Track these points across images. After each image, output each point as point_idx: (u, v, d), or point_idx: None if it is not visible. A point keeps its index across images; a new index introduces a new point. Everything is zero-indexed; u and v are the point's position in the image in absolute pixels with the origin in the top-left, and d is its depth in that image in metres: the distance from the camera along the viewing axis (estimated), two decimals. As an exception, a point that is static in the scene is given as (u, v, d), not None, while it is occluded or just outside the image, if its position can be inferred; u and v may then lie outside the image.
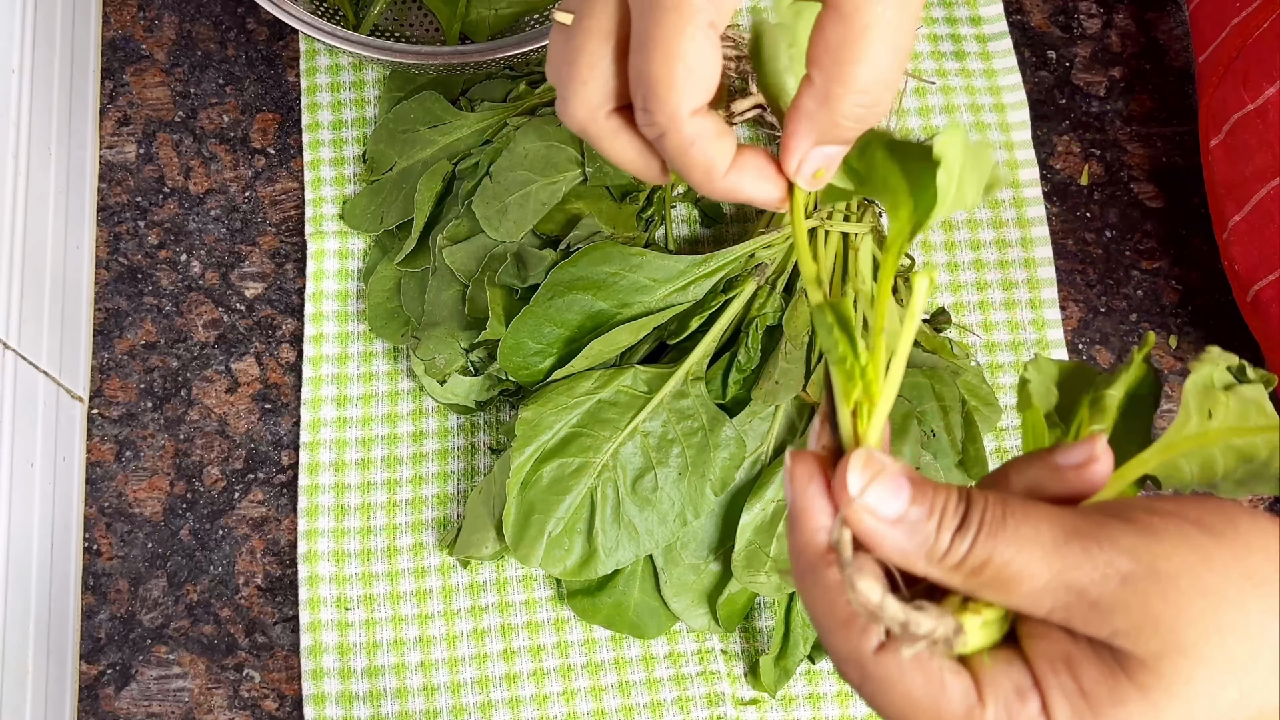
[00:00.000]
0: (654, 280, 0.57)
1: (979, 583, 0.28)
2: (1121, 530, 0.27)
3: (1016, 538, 0.27)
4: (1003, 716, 0.27)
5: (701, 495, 0.56)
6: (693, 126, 0.34)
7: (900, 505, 0.28)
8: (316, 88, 0.69)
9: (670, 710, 0.59)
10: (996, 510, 0.28)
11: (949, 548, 0.28)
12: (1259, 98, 0.57)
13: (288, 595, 0.61)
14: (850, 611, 0.29)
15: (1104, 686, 0.27)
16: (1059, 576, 0.27)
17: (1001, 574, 0.28)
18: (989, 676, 0.28)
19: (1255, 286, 0.59)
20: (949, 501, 0.29)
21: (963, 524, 0.28)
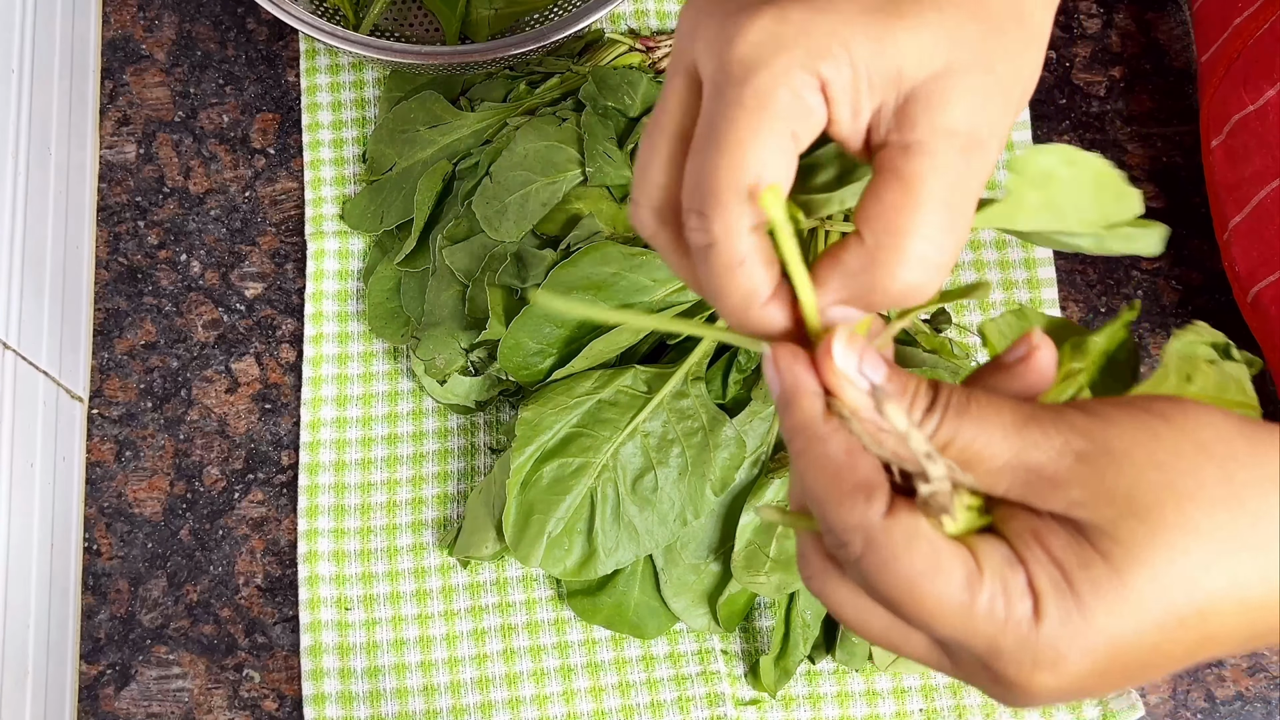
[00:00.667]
0: (654, 280, 0.57)
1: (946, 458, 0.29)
2: (1077, 415, 0.29)
3: (979, 419, 0.29)
4: (998, 585, 0.28)
5: (701, 495, 0.56)
6: (748, 243, 0.30)
7: (875, 377, 0.30)
8: (316, 88, 0.69)
9: (670, 710, 0.59)
10: (961, 395, 0.29)
11: (918, 424, 0.29)
12: (1259, 99, 0.57)
13: (288, 595, 0.61)
14: (857, 479, 0.29)
15: (1071, 553, 0.27)
16: (1018, 455, 0.28)
17: (965, 452, 0.29)
18: (982, 549, 0.28)
19: (1255, 288, 0.59)
20: (919, 385, 0.30)
21: (931, 405, 0.29)
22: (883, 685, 0.60)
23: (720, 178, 0.30)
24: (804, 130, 0.30)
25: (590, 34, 0.67)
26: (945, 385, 0.30)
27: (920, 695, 0.59)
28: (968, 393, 0.29)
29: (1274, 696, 0.60)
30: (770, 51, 0.29)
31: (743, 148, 0.29)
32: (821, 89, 0.30)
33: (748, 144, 0.29)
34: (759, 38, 0.29)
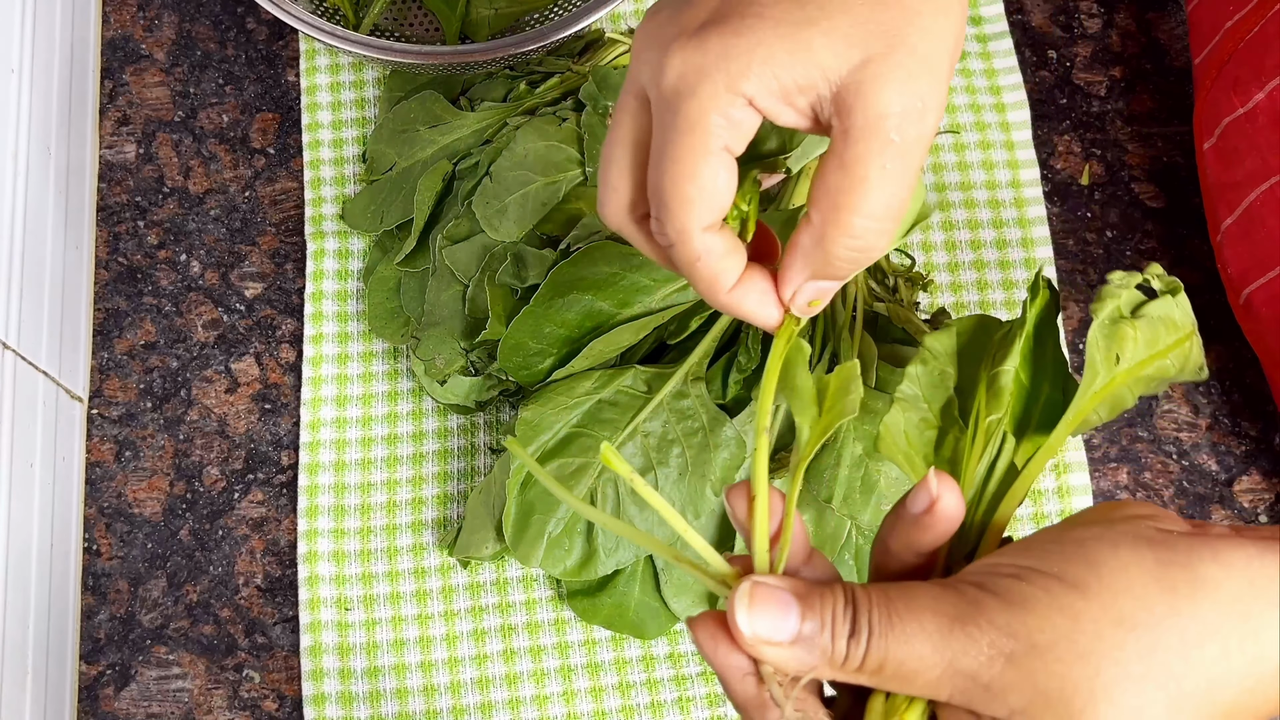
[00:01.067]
0: (654, 280, 0.57)
1: (883, 679, 0.30)
2: (996, 608, 0.29)
3: (904, 635, 0.29)
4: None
5: (702, 495, 0.56)
6: (701, 243, 0.35)
7: (792, 626, 0.30)
8: (316, 88, 0.69)
9: (671, 710, 0.59)
10: (881, 611, 0.30)
11: (846, 654, 0.30)
12: (1249, 102, 0.57)
13: (288, 595, 0.61)
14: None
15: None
16: (950, 665, 0.29)
17: (900, 670, 0.29)
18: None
19: (1247, 289, 0.59)
20: (835, 608, 0.30)
21: (854, 630, 0.30)
22: (883, 685, 0.60)
23: (669, 191, 0.34)
24: (736, 141, 0.34)
25: (590, 34, 0.67)
26: (862, 599, 0.30)
27: (920, 695, 0.59)
28: (886, 604, 0.30)
29: None
30: (694, 81, 0.33)
31: (683, 165, 0.34)
32: (749, 103, 0.33)
33: (687, 163, 0.34)
34: (683, 69, 0.33)
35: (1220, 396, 0.65)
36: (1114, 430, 0.64)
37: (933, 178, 0.68)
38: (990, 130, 0.68)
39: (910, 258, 0.65)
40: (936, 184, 0.68)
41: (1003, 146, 0.68)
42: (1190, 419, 0.65)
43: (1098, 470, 0.64)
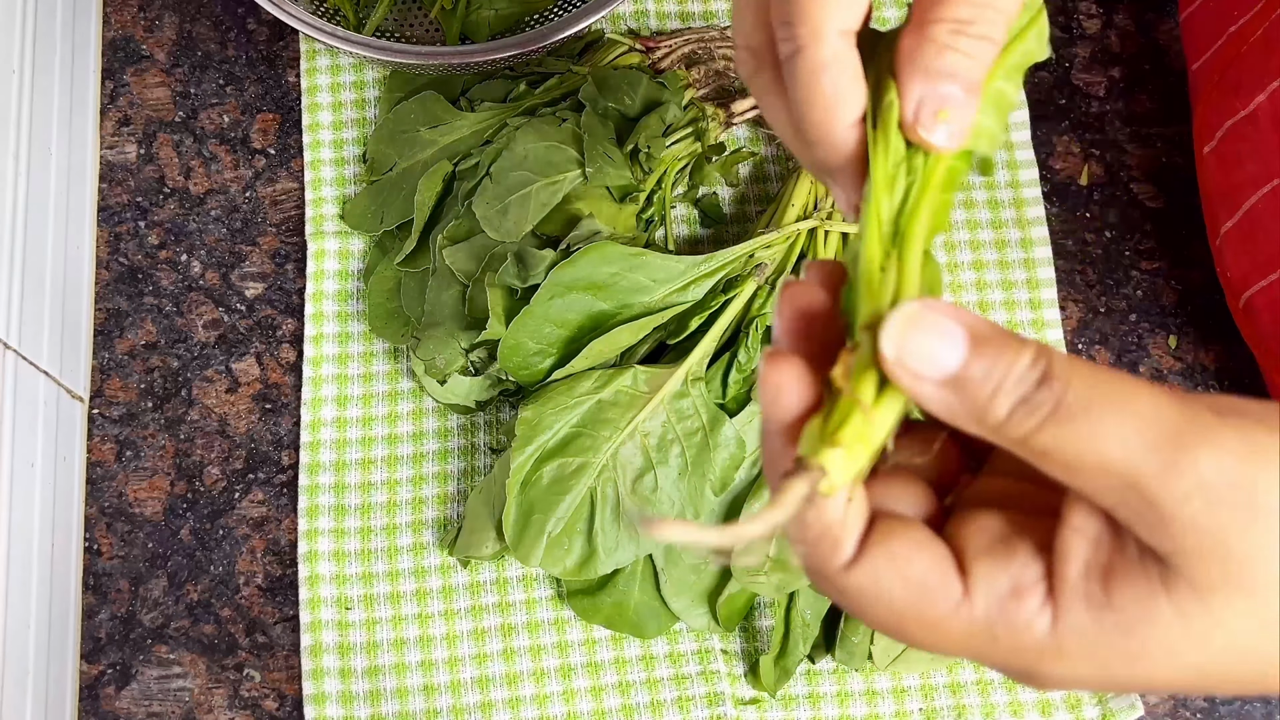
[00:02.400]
0: (654, 280, 0.57)
1: (1041, 462, 0.25)
2: (1228, 447, 0.24)
3: (1101, 430, 0.24)
4: (994, 611, 0.25)
5: (702, 495, 0.56)
6: (834, 46, 0.29)
7: (953, 361, 0.25)
8: (316, 88, 0.69)
9: (670, 710, 0.59)
10: (1080, 391, 0.24)
11: (1005, 420, 0.25)
12: (1250, 105, 0.57)
13: (288, 595, 0.62)
14: (815, 533, 0.27)
15: (1138, 605, 0.25)
16: (1138, 480, 0.24)
17: (1074, 463, 0.24)
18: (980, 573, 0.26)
19: (1247, 293, 0.59)
20: (1017, 364, 0.25)
21: (1030, 398, 0.25)
22: (882, 685, 0.60)
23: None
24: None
25: (590, 34, 0.68)
26: (1061, 371, 0.25)
27: (919, 695, 0.60)
28: (1092, 388, 0.24)
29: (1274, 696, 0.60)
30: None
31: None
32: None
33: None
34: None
35: (1219, 396, 0.65)
36: (1113, 430, 0.64)
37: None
38: (989, 130, 0.68)
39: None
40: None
41: (1002, 146, 0.68)
42: (1189, 419, 0.65)
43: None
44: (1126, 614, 0.25)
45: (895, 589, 0.26)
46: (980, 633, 0.26)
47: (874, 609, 0.27)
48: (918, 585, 0.26)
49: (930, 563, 0.26)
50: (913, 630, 0.26)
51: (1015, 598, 0.26)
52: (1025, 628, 0.25)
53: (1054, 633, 0.25)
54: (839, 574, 0.27)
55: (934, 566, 0.26)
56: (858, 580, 0.26)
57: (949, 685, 0.60)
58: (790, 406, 0.27)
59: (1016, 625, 0.25)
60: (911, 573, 0.26)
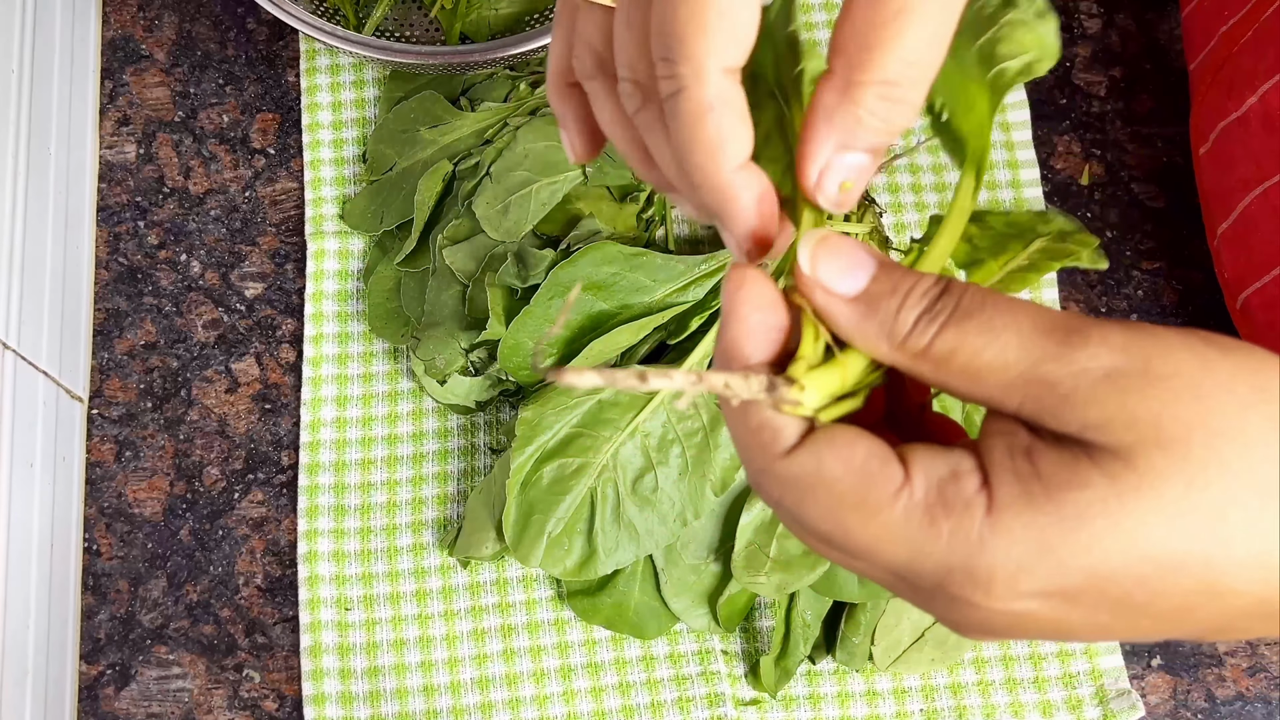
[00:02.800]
0: (654, 280, 0.57)
1: (947, 373, 0.26)
2: (1114, 329, 0.25)
3: (990, 326, 0.25)
4: (934, 494, 0.25)
5: (702, 495, 0.56)
6: (718, 86, 0.28)
7: (860, 280, 0.26)
8: (316, 88, 0.69)
9: (671, 710, 0.59)
10: (973, 298, 0.26)
11: (911, 329, 0.26)
12: (1242, 106, 0.57)
13: (288, 595, 0.61)
14: (756, 421, 0.27)
15: (1064, 470, 0.24)
16: (1034, 368, 0.25)
17: (971, 364, 0.25)
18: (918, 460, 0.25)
19: (1244, 293, 0.59)
20: (918, 283, 0.26)
21: (930, 307, 0.26)
22: (883, 685, 0.60)
23: (682, 16, 0.28)
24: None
25: (590, 34, 0.67)
26: (957, 286, 0.26)
27: (920, 695, 0.59)
28: (982, 296, 0.26)
29: (1274, 696, 0.60)
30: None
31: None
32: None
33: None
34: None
35: (1220, 396, 0.65)
36: (1114, 430, 0.64)
37: (932, 178, 0.68)
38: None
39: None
40: (936, 184, 0.68)
41: (1003, 146, 0.68)
42: (1190, 419, 0.65)
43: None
44: (1056, 479, 0.24)
45: (836, 472, 0.25)
46: (919, 519, 0.25)
47: (812, 498, 0.26)
48: (860, 469, 0.25)
49: (872, 448, 0.26)
50: (851, 521, 0.25)
51: (954, 480, 0.25)
52: (964, 509, 0.25)
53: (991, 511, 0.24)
54: (778, 460, 0.26)
55: (876, 452, 0.26)
56: (799, 465, 0.26)
57: (950, 686, 0.60)
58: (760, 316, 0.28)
59: (955, 506, 0.25)
60: (854, 456, 0.26)
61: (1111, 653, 0.60)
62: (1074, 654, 0.60)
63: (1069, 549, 0.24)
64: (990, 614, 0.25)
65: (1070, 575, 0.24)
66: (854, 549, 0.26)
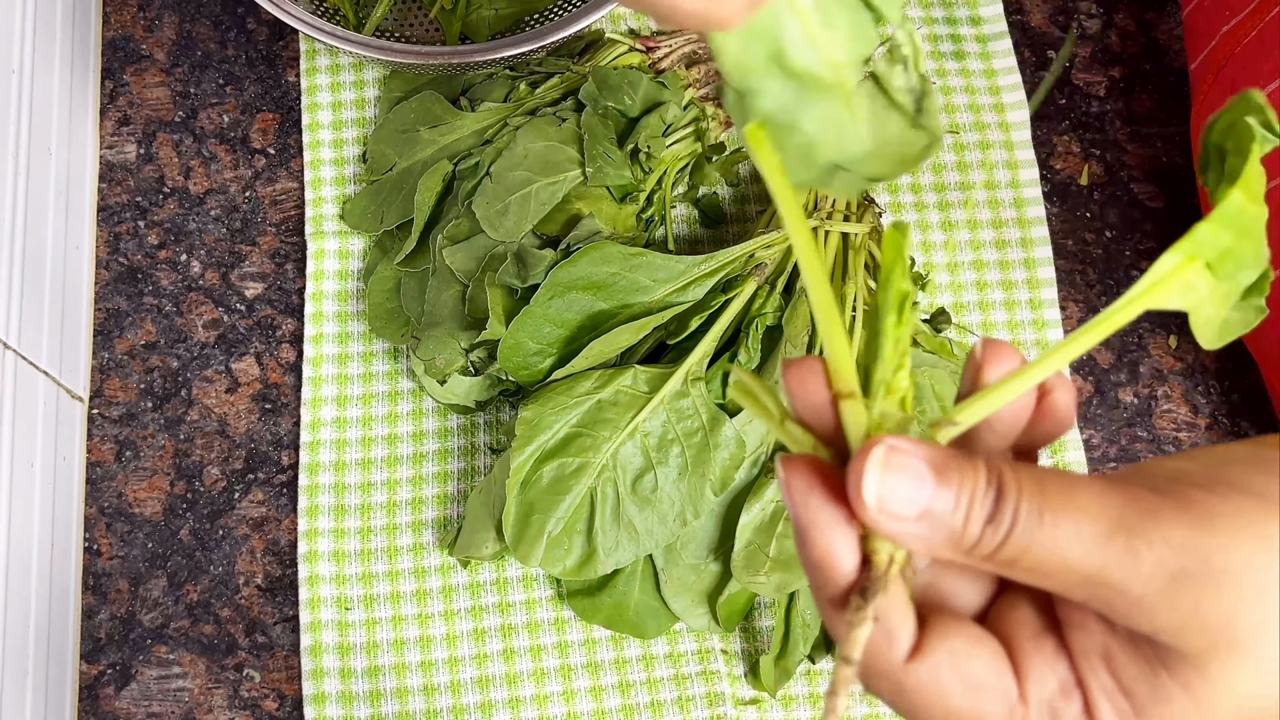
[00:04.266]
0: (654, 280, 0.57)
1: (1015, 571, 0.26)
2: (1175, 520, 0.25)
3: (1054, 534, 0.25)
4: (1045, 717, 0.26)
5: (701, 495, 0.56)
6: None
7: (923, 500, 0.26)
8: (316, 88, 0.69)
9: (670, 710, 0.59)
10: (1032, 502, 0.26)
11: (979, 540, 0.26)
12: None
13: (288, 595, 0.61)
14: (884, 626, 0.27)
15: (1145, 684, 0.25)
16: (1100, 573, 0.25)
17: (1040, 567, 0.25)
18: (1032, 673, 0.26)
19: None
20: (977, 488, 0.26)
21: (994, 515, 0.26)
22: (882, 685, 0.60)
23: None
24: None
25: (590, 34, 0.67)
26: (1010, 484, 0.26)
27: (920, 695, 0.59)
28: (1041, 496, 0.26)
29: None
30: None
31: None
32: None
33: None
34: None
35: (1220, 396, 0.65)
36: (1113, 430, 0.64)
37: (932, 178, 0.68)
38: (990, 130, 0.68)
39: (910, 258, 0.65)
40: (936, 184, 0.68)
41: (1002, 146, 0.68)
42: (1190, 419, 0.65)
43: (1096, 470, 0.64)
44: (1138, 697, 0.25)
45: (954, 688, 0.26)
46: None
47: (928, 706, 0.26)
48: (977, 685, 0.26)
49: (989, 661, 0.27)
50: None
51: (1065, 697, 0.26)
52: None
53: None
54: (898, 669, 0.27)
55: (992, 666, 0.26)
56: (918, 677, 0.26)
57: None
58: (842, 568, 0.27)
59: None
60: (971, 672, 0.26)
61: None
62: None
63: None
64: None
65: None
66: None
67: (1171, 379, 0.65)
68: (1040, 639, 0.27)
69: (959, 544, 0.26)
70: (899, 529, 0.26)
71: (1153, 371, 0.66)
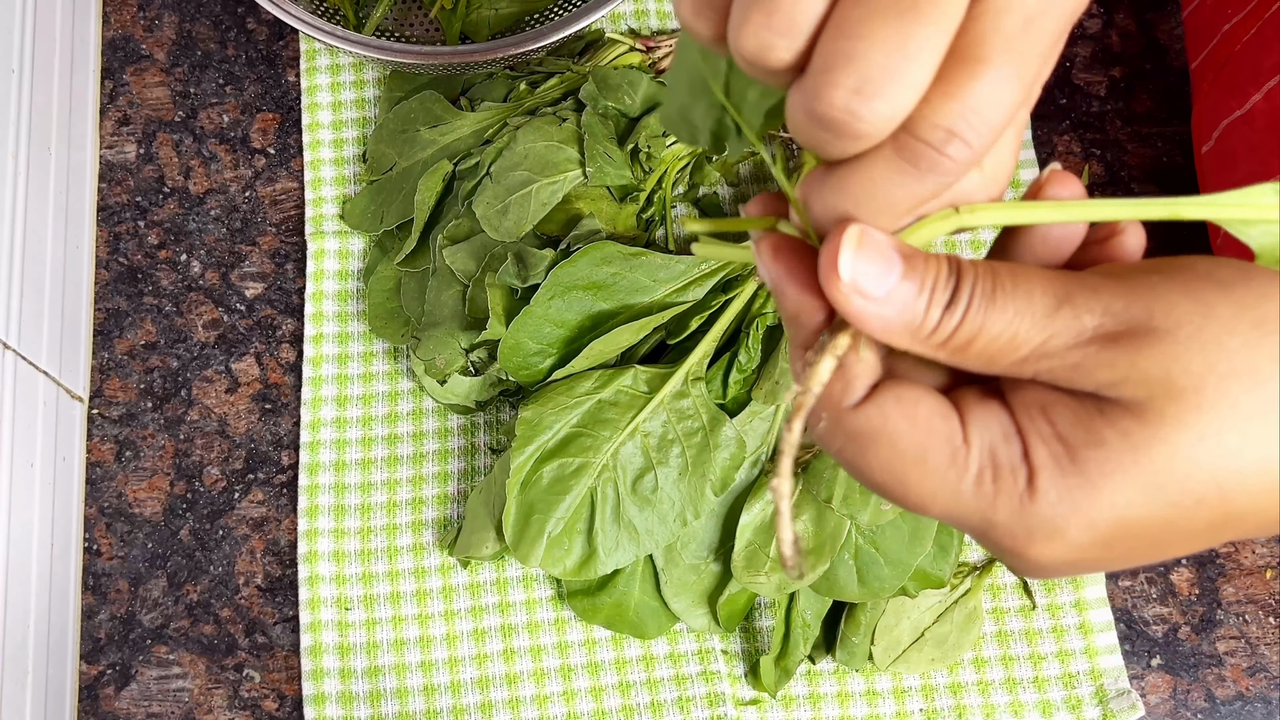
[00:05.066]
0: (654, 280, 0.57)
1: (965, 357, 0.27)
2: (1115, 291, 0.26)
3: (1006, 311, 0.27)
4: (986, 459, 0.27)
5: (701, 495, 0.56)
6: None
7: (890, 282, 0.27)
8: (316, 88, 0.69)
9: (670, 710, 0.59)
10: (986, 283, 0.27)
11: (937, 325, 0.27)
12: (1245, 104, 0.57)
13: (288, 595, 0.61)
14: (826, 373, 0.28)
15: (1081, 430, 0.26)
16: (1044, 344, 0.26)
17: (989, 348, 0.27)
18: (975, 421, 0.27)
19: None
20: (939, 275, 0.27)
21: (953, 300, 0.27)
22: (883, 685, 0.60)
23: None
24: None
25: (590, 34, 0.67)
26: (968, 270, 0.27)
27: (920, 695, 0.59)
28: (993, 276, 0.27)
29: (1274, 696, 0.60)
30: None
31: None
32: None
33: None
34: None
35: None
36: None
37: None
38: (990, 130, 0.68)
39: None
40: (936, 184, 0.68)
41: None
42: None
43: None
44: (1075, 439, 0.26)
45: (901, 427, 0.27)
46: (972, 481, 0.27)
47: (876, 450, 0.28)
48: (924, 424, 0.27)
49: (934, 405, 0.28)
50: (910, 476, 0.27)
51: (1004, 442, 0.27)
52: (1010, 474, 0.27)
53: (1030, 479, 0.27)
54: (846, 413, 0.28)
55: (937, 409, 0.27)
56: (865, 418, 0.28)
57: (950, 686, 0.60)
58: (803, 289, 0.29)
59: (1002, 471, 0.27)
60: (918, 413, 0.27)
61: (1111, 653, 0.60)
62: (1074, 654, 0.60)
63: (1096, 506, 0.26)
64: (1036, 563, 0.27)
65: (1100, 528, 0.26)
66: (910, 501, 0.28)
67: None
68: (984, 399, 0.28)
69: (919, 330, 0.27)
70: (864, 307, 0.27)
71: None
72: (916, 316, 0.27)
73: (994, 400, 0.28)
